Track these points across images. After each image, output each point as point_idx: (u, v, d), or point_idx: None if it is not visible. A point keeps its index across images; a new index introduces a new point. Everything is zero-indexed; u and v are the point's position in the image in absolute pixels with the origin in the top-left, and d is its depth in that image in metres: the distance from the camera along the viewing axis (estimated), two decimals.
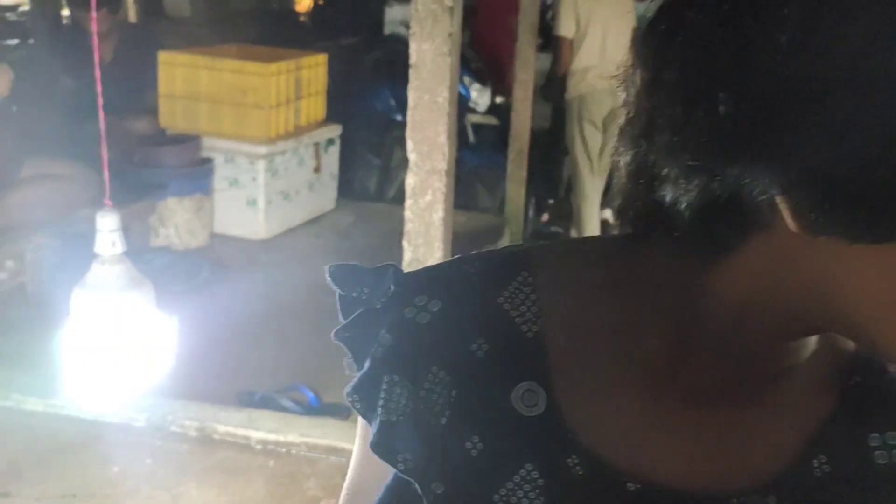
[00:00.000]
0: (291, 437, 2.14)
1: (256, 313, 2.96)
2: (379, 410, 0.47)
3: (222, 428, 2.17)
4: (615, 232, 0.51)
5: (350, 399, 0.49)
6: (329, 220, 4.16)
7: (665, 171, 0.39)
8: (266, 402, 2.34)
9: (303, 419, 2.24)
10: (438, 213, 1.92)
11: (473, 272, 0.50)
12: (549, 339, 0.47)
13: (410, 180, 1.91)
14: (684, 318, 0.43)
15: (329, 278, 0.52)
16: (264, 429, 2.16)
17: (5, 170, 2.71)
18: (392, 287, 0.49)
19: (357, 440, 0.54)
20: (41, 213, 2.77)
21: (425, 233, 1.92)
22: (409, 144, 1.88)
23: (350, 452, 1.81)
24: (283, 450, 2.12)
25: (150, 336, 1.48)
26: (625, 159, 0.43)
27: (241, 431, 2.16)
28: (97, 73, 1.58)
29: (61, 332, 1.50)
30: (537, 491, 0.44)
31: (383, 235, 3.99)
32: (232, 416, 2.22)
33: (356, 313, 0.50)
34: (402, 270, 0.51)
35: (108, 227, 1.45)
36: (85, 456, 2.06)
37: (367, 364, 0.49)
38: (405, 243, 1.94)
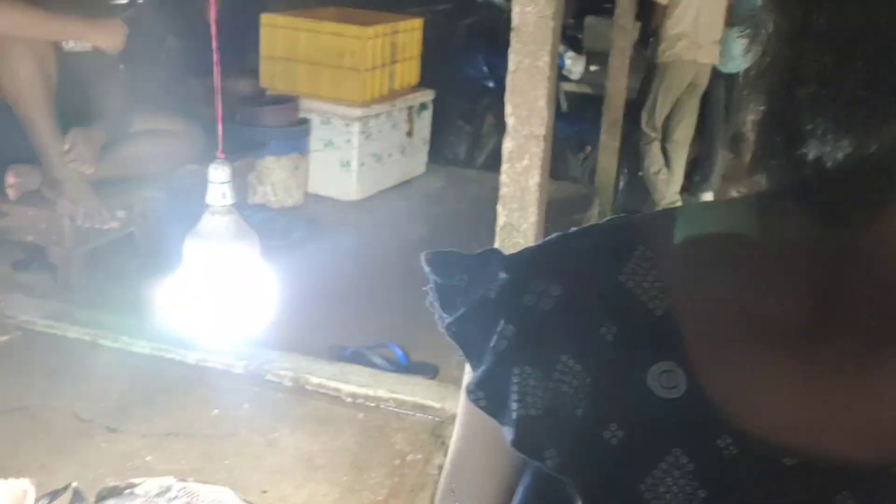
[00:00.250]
0: (381, 393, 2.20)
1: (347, 272, 3.03)
2: (514, 406, 0.46)
3: (315, 379, 2.25)
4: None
5: (474, 397, 0.47)
6: (419, 184, 4.20)
7: (809, 126, 0.37)
8: (356, 358, 2.41)
9: (392, 376, 2.29)
10: (534, 179, 1.91)
11: (584, 250, 0.48)
12: (679, 315, 0.44)
13: (508, 144, 1.90)
14: (830, 281, 0.41)
15: (426, 266, 0.50)
16: (355, 383, 2.23)
17: (118, 124, 2.85)
18: (503, 274, 0.47)
19: (461, 416, 0.53)
20: (150, 166, 2.90)
21: (520, 197, 1.92)
22: (508, 108, 1.88)
23: (437, 411, 1.85)
24: (373, 404, 2.18)
25: (254, 286, 1.54)
26: (755, 115, 0.40)
27: (332, 384, 2.23)
28: (213, 33, 1.63)
29: (171, 277, 1.58)
30: (689, 476, 0.42)
31: (472, 201, 4.01)
32: (324, 369, 2.29)
33: (466, 306, 0.48)
34: (506, 255, 0.49)
35: (219, 179, 1.51)
36: (187, 398, 2.17)
37: (488, 359, 0.47)
38: (499, 207, 1.95)
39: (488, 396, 0.47)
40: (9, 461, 1.83)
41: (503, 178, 1.93)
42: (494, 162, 4.45)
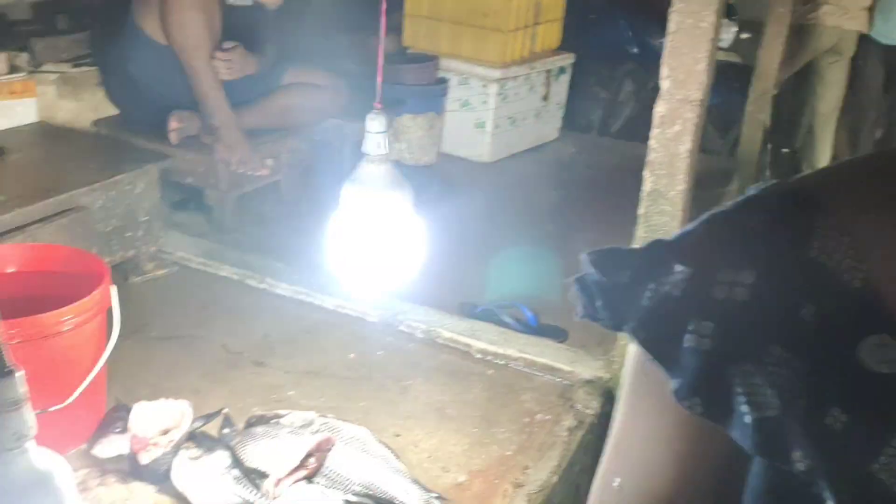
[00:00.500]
0: (510, 352, 2.22)
1: (479, 232, 3.06)
2: (743, 409, 0.43)
3: (446, 333, 2.30)
4: None
5: (688, 403, 0.45)
6: (552, 149, 4.16)
7: None
8: (486, 316, 2.44)
9: (522, 336, 2.31)
10: (686, 145, 1.86)
11: (761, 227, 0.44)
12: (881, 283, 0.41)
13: (660, 108, 1.85)
14: None
15: (590, 265, 0.48)
16: (485, 340, 2.26)
17: (270, 76, 2.97)
18: (679, 267, 0.45)
19: (625, 398, 0.51)
20: (297, 118, 3.02)
21: (669, 164, 1.87)
22: (664, 70, 1.82)
23: (566, 374, 1.85)
24: (502, 362, 2.21)
25: (405, 235, 1.59)
26: None
27: (463, 339, 2.27)
28: None
29: (330, 219, 1.64)
30: None
31: (605, 169, 3.94)
32: (456, 324, 2.34)
33: (646, 307, 0.46)
34: (673, 243, 0.46)
35: (376, 129, 1.55)
36: (326, 340, 2.27)
37: (692, 361, 0.44)
38: (646, 173, 1.91)
39: (706, 402, 0.44)
40: (166, 383, 1.98)
41: (652, 143, 1.88)
42: (630, 130, 4.37)
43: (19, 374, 0.79)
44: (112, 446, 1.65)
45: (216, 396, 1.94)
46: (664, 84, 1.83)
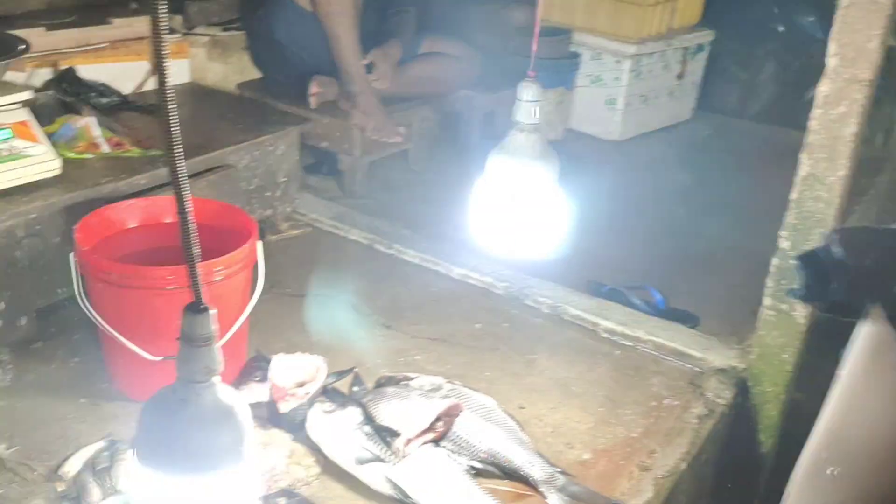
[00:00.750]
0: (639, 333, 2.17)
1: (606, 211, 2.99)
2: None
3: (572, 311, 2.27)
4: None
5: None
6: (684, 129, 4.02)
7: None
8: (613, 295, 2.39)
9: (650, 318, 2.25)
10: (850, 128, 1.74)
11: None
12: None
13: (824, 88, 1.74)
14: None
15: (836, 248, 0.45)
16: (613, 320, 2.22)
17: (409, 45, 3.00)
18: None
19: (850, 384, 0.48)
20: (431, 87, 3.04)
21: (830, 147, 1.76)
22: (832, 47, 1.71)
23: (697, 361, 1.77)
24: (629, 343, 2.16)
25: (549, 208, 1.57)
26: None
27: (590, 317, 2.24)
28: None
29: (476, 184, 1.63)
30: None
31: (741, 153, 3.78)
32: (583, 302, 2.30)
33: None
34: None
35: (528, 97, 1.54)
36: (451, 308, 2.29)
37: None
38: (803, 156, 1.80)
39: None
40: (300, 338, 2.05)
41: (812, 123, 1.78)
42: (769, 114, 4.16)
43: (213, 312, 0.83)
44: (252, 393, 1.73)
45: (346, 355, 2.00)
46: (830, 62, 1.72)
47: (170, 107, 0.73)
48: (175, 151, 0.76)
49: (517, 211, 1.56)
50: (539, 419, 1.86)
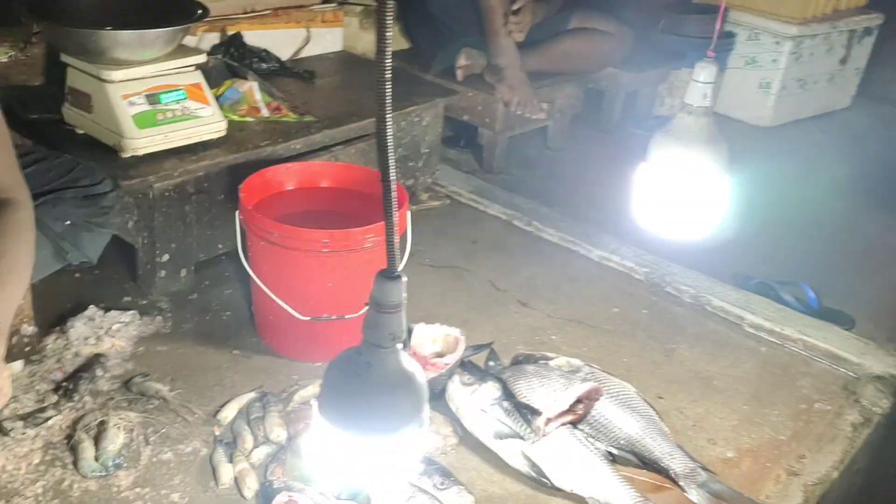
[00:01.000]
0: (788, 331, 2.06)
1: (755, 200, 2.83)
2: None
3: (717, 302, 2.18)
4: None
5: None
6: (842, 118, 3.77)
7: None
8: (761, 289, 2.28)
9: (802, 316, 2.14)
10: None
11: None
12: None
13: None
14: None
15: None
16: (760, 315, 2.12)
17: (556, 20, 2.94)
18: None
19: None
20: (578, 64, 2.97)
21: None
22: None
23: (852, 365, 1.66)
24: (777, 341, 2.06)
25: (714, 196, 1.50)
26: None
27: (735, 311, 2.15)
28: None
29: (640, 167, 1.58)
30: None
31: None
32: (728, 294, 2.21)
33: None
34: None
35: (704, 78, 1.47)
36: (589, 290, 2.25)
37: None
38: None
39: None
40: (438, 309, 2.07)
41: None
42: None
43: (405, 280, 0.84)
44: None
45: (483, 329, 2.00)
46: None
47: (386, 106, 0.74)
48: (385, 142, 0.76)
49: (680, 196, 1.50)
50: (679, 411, 1.81)
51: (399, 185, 1.89)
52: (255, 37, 2.49)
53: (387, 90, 0.76)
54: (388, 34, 0.75)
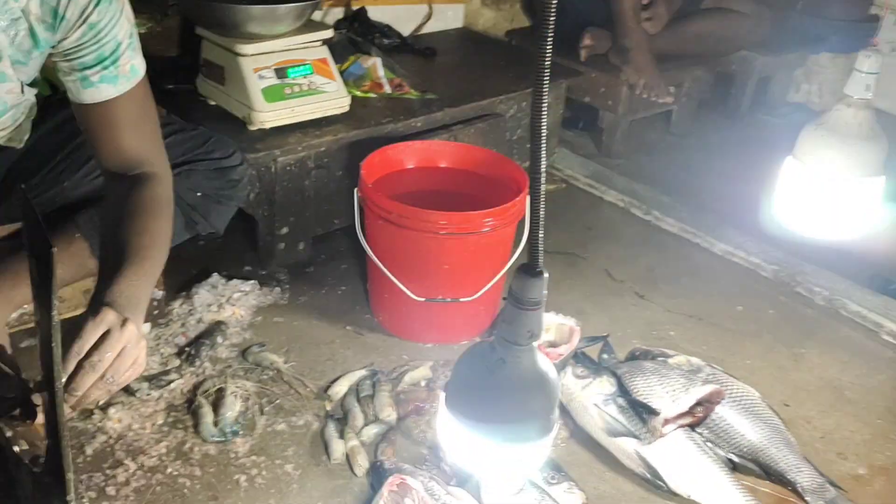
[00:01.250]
0: None
1: None
2: None
3: (852, 306, 2.04)
4: None
5: None
6: None
7: None
8: None
9: None
10: None
11: None
12: None
13: None
14: None
15: None
16: None
17: (689, 0, 2.80)
18: None
19: None
20: (709, 46, 2.83)
21: None
22: None
23: None
24: None
25: (865, 196, 1.38)
26: None
27: (872, 316, 2.00)
28: None
29: (785, 162, 1.49)
30: None
31: None
32: (866, 298, 2.06)
33: None
34: None
35: (867, 68, 1.34)
36: (711, 286, 2.15)
37: None
38: None
39: None
40: (551, 297, 1.97)
41: None
42: None
43: (546, 277, 0.81)
44: None
45: (597, 321, 1.94)
46: None
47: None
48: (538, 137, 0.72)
49: (832, 195, 1.38)
50: (807, 421, 1.70)
51: (518, 169, 1.85)
52: (377, 12, 2.48)
53: (544, 82, 0.71)
54: (550, 19, 0.70)
